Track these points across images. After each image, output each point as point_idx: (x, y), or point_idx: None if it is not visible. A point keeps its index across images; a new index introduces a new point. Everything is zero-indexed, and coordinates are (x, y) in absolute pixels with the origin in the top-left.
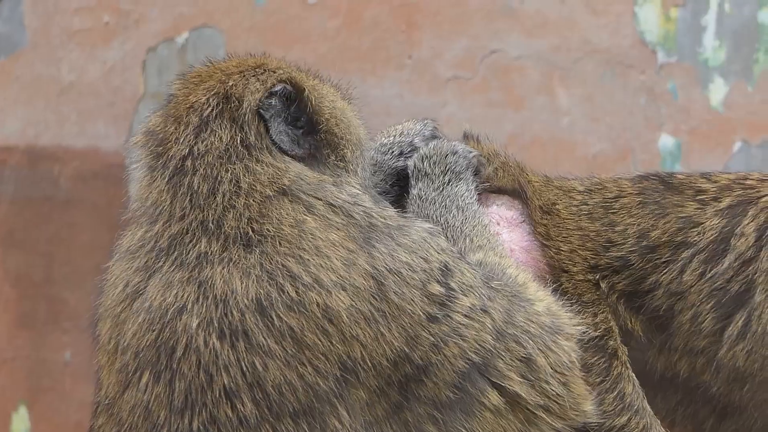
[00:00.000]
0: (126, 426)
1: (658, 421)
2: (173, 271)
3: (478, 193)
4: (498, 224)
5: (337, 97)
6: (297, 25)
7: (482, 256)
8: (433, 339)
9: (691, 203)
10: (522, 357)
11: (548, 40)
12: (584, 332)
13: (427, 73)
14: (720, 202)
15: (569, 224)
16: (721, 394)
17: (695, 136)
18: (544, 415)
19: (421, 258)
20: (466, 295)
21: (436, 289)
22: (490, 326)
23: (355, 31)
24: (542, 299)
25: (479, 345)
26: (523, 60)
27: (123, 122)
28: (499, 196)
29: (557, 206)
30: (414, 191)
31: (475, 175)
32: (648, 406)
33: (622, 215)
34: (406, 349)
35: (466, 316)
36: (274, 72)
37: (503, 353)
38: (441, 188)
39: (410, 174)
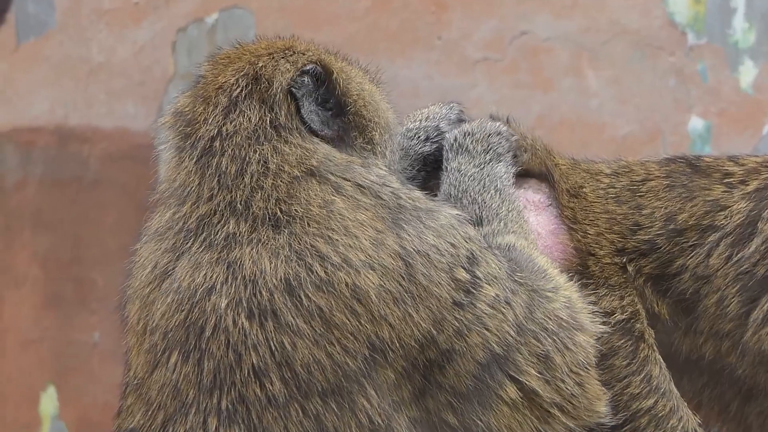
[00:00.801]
0: (155, 405)
1: (685, 403)
2: (202, 251)
3: None
4: (525, 207)
5: (366, 80)
6: (326, 6)
7: (513, 239)
8: (457, 324)
9: (719, 186)
10: (540, 354)
11: (577, 22)
12: (603, 331)
13: (456, 55)
14: (747, 185)
15: (596, 207)
16: (746, 377)
17: (724, 119)
18: (558, 414)
19: (449, 243)
20: (491, 285)
21: (462, 275)
22: (512, 319)
23: (384, 12)
24: (564, 294)
25: (501, 336)
26: (552, 41)
27: (152, 103)
28: (526, 179)
29: (584, 189)
30: (453, 164)
31: (514, 158)
32: (675, 389)
33: (649, 198)
34: (433, 331)
35: (490, 306)
36: (304, 54)
37: (522, 348)
38: (482, 166)
39: (448, 147)
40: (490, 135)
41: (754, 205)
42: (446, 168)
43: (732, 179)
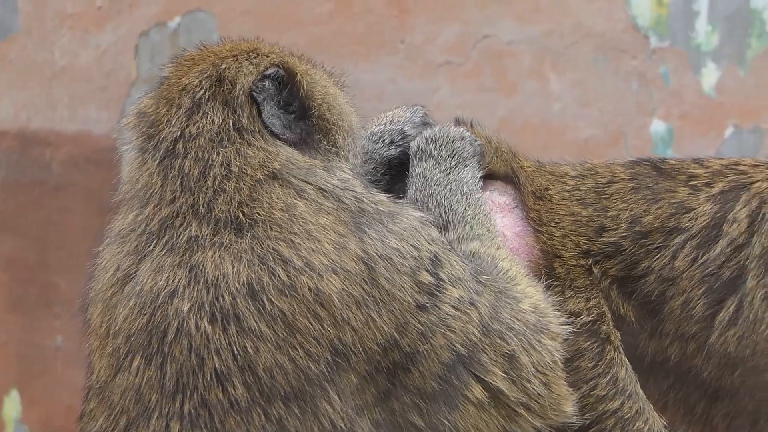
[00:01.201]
0: (117, 409)
1: (651, 405)
2: (164, 255)
3: None
4: (491, 210)
5: (330, 83)
6: (290, 10)
7: (478, 246)
8: (421, 327)
9: (684, 189)
10: (506, 353)
11: (540, 25)
12: (570, 332)
13: (420, 58)
14: (712, 187)
15: (561, 209)
16: (712, 379)
17: (687, 121)
18: (524, 413)
19: (412, 246)
20: (455, 287)
21: (426, 278)
22: (476, 320)
23: (347, 16)
24: (530, 296)
25: (466, 337)
26: (515, 45)
27: (115, 106)
28: (491, 181)
29: (549, 191)
30: (418, 170)
31: (479, 163)
32: (641, 391)
33: (614, 200)
34: (396, 334)
35: (454, 307)
36: (267, 56)
37: (488, 348)
38: (448, 171)
39: (412, 154)
40: (453, 140)
41: (719, 208)
42: (412, 174)
43: (697, 182)
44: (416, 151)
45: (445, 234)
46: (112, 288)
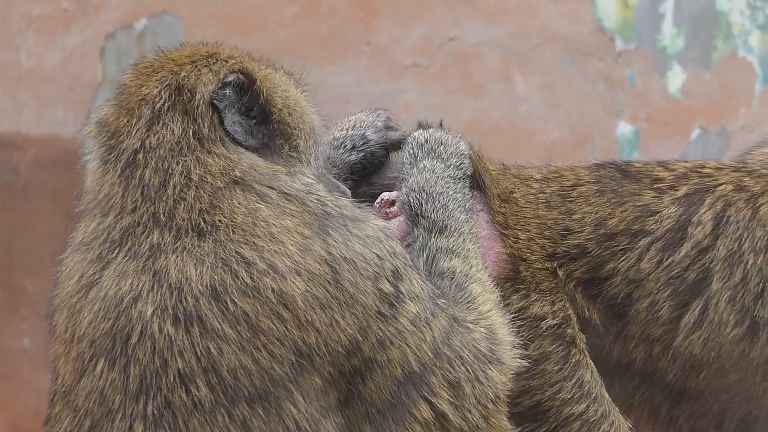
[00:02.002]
0: (82, 411)
1: (616, 408)
2: (127, 261)
3: None
4: None
5: (291, 86)
6: (255, 13)
7: (457, 264)
8: (381, 334)
9: (648, 192)
10: (452, 380)
11: (507, 27)
12: (521, 366)
13: (386, 61)
14: (677, 190)
15: (527, 212)
16: (677, 381)
17: (653, 124)
18: None
19: (374, 254)
20: (413, 302)
21: (387, 287)
22: (430, 340)
23: (313, 18)
24: (486, 324)
25: (419, 354)
26: (482, 47)
27: (81, 109)
28: None
29: (515, 195)
30: (425, 162)
31: None
32: (606, 394)
33: (579, 203)
34: (358, 336)
35: (411, 322)
36: (227, 62)
37: (437, 371)
38: (456, 180)
39: (416, 144)
40: (463, 155)
41: (684, 210)
42: (412, 161)
43: (662, 184)
44: (423, 144)
45: (436, 236)
46: (77, 294)
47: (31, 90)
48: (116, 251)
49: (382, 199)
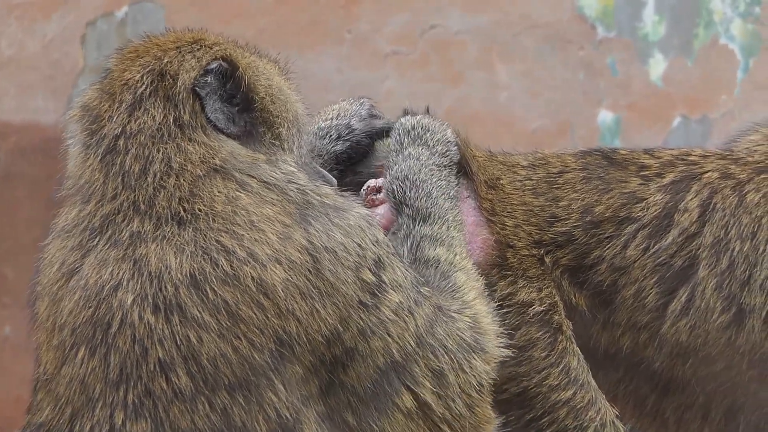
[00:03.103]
0: (63, 400)
1: (603, 395)
2: (108, 249)
3: None
4: None
5: (274, 74)
6: (236, 0)
7: (442, 252)
8: (362, 324)
9: (635, 179)
10: (435, 369)
11: (487, 15)
12: (506, 355)
13: (367, 48)
14: (663, 177)
15: (513, 199)
16: (663, 370)
17: (634, 112)
18: (447, 430)
19: (356, 243)
20: (396, 292)
21: (369, 276)
22: (413, 329)
23: (293, 6)
24: (470, 314)
25: (401, 344)
26: (463, 35)
27: (62, 96)
28: None
29: (501, 181)
30: (410, 150)
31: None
32: (592, 381)
33: (566, 190)
34: (339, 327)
35: (393, 312)
36: (211, 48)
37: (420, 360)
38: (441, 168)
39: (402, 130)
40: (449, 142)
41: (671, 197)
42: (398, 149)
43: (648, 172)
44: (410, 130)
45: (420, 224)
46: (57, 282)
47: (12, 77)
48: (97, 239)
49: (368, 186)
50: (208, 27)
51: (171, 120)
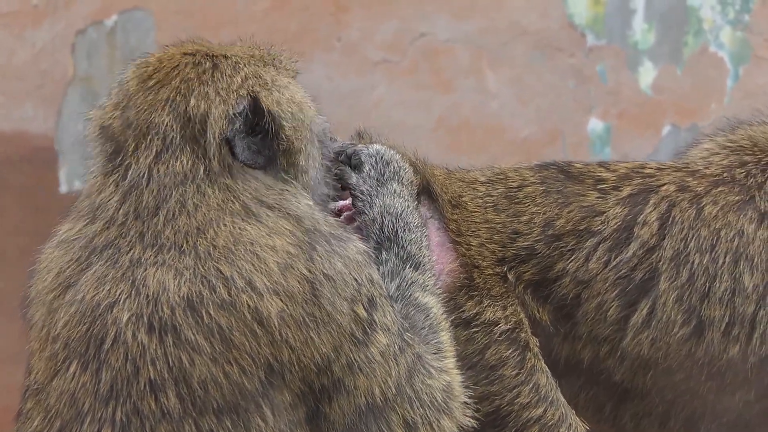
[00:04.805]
0: (52, 412)
1: (573, 411)
2: (107, 268)
3: None
4: None
5: (295, 91)
6: (225, 8)
7: (433, 303)
8: (351, 357)
9: (592, 192)
10: (409, 421)
11: (477, 23)
12: (470, 425)
13: (356, 56)
14: (621, 191)
15: (476, 217)
16: (624, 380)
17: (624, 120)
18: None
19: (353, 277)
20: (384, 334)
21: (362, 312)
22: (395, 376)
23: (283, 13)
24: (445, 379)
25: (383, 388)
26: (452, 43)
27: (52, 105)
28: None
29: (464, 199)
30: (392, 187)
31: None
32: (562, 397)
33: (526, 204)
34: (332, 354)
35: (380, 354)
36: (233, 80)
37: (398, 408)
38: (414, 206)
39: (377, 160)
40: (411, 176)
41: (629, 210)
42: (379, 180)
43: (605, 185)
44: (388, 162)
45: (411, 269)
46: (53, 291)
47: (1, 86)
48: (96, 257)
49: (337, 207)
50: (197, 35)
51: (201, 170)
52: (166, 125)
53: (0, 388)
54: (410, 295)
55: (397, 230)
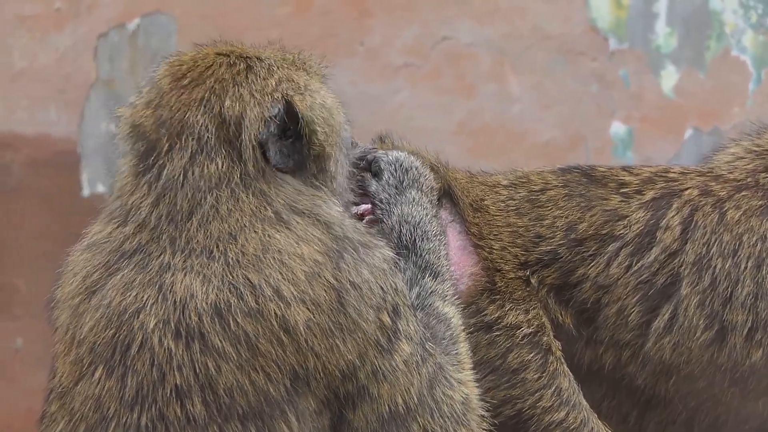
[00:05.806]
0: (77, 416)
1: (595, 415)
2: (134, 273)
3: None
4: None
5: (326, 97)
6: (248, 12)
7: (453, 313)
8: (376, 365)
9: (615, 196)
10: (429, 430)
11: (499, 27)
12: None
13: (379, 61)
14: (644, 195)
15: (499, 221)
16: (646, 387)
17: (647, 124)
18: None
19: (379, 285)
20: (408, 343)
21: (387, 320)
22: (417, 385)
23: (306, 18)
24: (464, 391)
25: (405, 397)
26: (474, 47)
27: (74, 109)
28: None
29: (485, 202)
30: (410, 195)
31: None
32: (584, 400)
33: (549, 208)
34: (357, 361)
35: (404, 362)
36: (268, 83)
37: (419, 418)
38: (434, 214)
39: (396, 167)
40: (433, 184)
41: (652, 215)
42: (398, 188)
43: (627, 189)
44: (407, 170)
45: (430, 278)
46: (79, 295)
47: (24, 90)
48: (125, 261)
49: (356, 212)
50: (220, 40)
51: (237, 173)
52: (201, 126)
53: (24, 391)
54: (430, 304)
55: (415, 239)
